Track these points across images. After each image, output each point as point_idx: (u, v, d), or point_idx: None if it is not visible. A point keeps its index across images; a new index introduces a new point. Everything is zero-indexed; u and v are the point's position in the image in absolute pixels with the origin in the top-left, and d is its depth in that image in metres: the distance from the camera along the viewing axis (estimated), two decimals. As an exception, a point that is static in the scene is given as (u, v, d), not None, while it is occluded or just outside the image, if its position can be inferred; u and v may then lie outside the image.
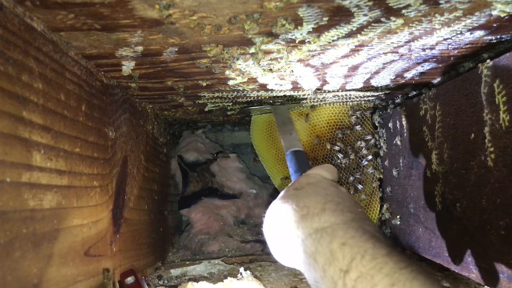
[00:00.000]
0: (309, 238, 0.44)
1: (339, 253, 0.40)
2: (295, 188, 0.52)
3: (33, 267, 0.41)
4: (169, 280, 0.84)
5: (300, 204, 0.48)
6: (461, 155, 0.62)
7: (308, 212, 0.46)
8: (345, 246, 0.41)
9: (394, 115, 0.87)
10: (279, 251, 0.50)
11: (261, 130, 1.04)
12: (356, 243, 0.41)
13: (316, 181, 0.53)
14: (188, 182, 1.15)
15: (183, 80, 0.68)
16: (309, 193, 0.49)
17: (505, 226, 0.52)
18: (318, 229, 0.44)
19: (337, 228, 0.43)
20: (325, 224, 0.44)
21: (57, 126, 0.47)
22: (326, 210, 0.46)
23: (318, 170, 0.56)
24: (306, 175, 0.55)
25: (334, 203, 0.47)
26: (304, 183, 0.52)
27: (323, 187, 0.51)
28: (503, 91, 0.52)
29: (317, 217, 0.45)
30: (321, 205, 0.46)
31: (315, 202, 0.47)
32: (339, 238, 0.42)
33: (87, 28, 0.45)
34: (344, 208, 0.46)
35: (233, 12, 0.43)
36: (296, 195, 0.50)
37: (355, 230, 0.42)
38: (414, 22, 0.48)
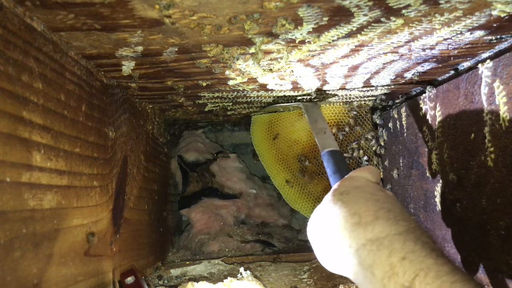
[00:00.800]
0: (363, 249, 0.42)
1: (400, 268, 0.39)
2: (341, 193, 0.49)
3: (33, 267, 0.41)
4: (169, 280, 0.84)
5: (351, 210, 0.45)
6: (461, 155, 0.62)
7: (360, 220, 0.44)
8: (405, 260, 0.39)
9: (394, 115, 0.87)
10: (326, 258, 0.49)
11: (261, 130, 1.04)
12: (417, 258, 0.39)
13: (362, 184, 0.50)
14: (188, 182, 1.15)
15: (183, 80, 0.68)
16: (358, 198, 0.47)
17: (505, 226, 0.52)
18: (373, 240, 0.42)
19: (393, 239, 0.41)
20: (381, 235, 0.42)
21: (57, 126, 0.47)
22: (379, 219, 0.44)
23: (362, 173, 0.53)
24: (351, 178, 0.53)
25: (386, 210, 0.45)
26: (350, 187, 0.50)
27: (371, 192, 0.48)
28: (503, 91, 0.52)
29: (370, 227, 0.43)
30: (372, 213, 0.44)
31: (366, 209, 0.45)
32: (397, 251, 0.40)
33: (87, 28, 0.45)
34: (397, 216, 0.44)
35: (233, 12, 0.43)
36: (343, 200, 0.48)
37: (414, 242, 0.41)
38: (414, 22, 0.48)
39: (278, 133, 1.01)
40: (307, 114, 0.81)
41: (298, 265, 0.91)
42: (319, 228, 0.49)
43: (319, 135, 0.75)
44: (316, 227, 0.50)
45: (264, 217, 1.19)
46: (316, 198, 1.02)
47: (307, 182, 1.02)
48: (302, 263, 0.92)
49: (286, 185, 1.02)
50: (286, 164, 1.03)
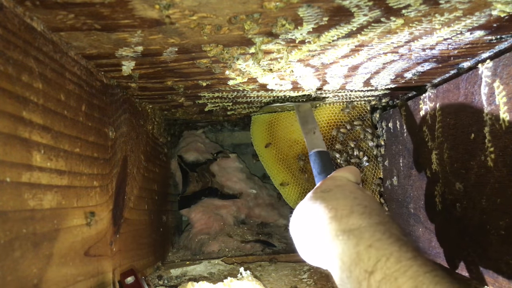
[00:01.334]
0: (336, 240, 0.45)
1: (365, 255, 0.42)
2: (323, 191, 0.52)
3: (33, 267, 0.41)
4: (169, 280, 0.84)
5: (329, 206, 0.49)
6: (461, 155, 0.62)
7: (336, 214, 0.47)
8: (371, 248, 0.42)
9: (394, 115, 0.87)
10: (305, 250, 0.52)
11: (261, 130, 1.04)
12: (382, 245, 0.42)
13: (343, 183, 0.53)
14: (188, 182, 1.15)
15: (183, 80, 0.68)
16: (338, 196, 0.50)
17: (505, 226, 0.52)
18: (345, 231, 0.45)
19: (364, 230, 0.44)
20: (353, 227, 0.45)
21: (57, 126, 0.47)
22: (354, 213, 0.46)
23: (343, 173, 0.56)
24: (333, 178, 0.56)
25: (362, 206, 0.48)
26: (331, 186, 0.53)
27: (351, 190, 0.51)
28: (503, 91, 0.52)
29: (345, 219, 0.46)
30: (349, 208, 0.47)
31: (343, 204, 0.48)
32: (365, 240, 0.43)
33: (87, 28, 0.45)
34: (372, 211, 0.47)
35: (233, 12, 0.43)
36: (324, 197, 0.51)
37: (382, 233, 0.43)
38: (414, 22, 0.48)
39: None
40: (298, 114, 0.82)
41: (298, 265, 0.91)
42: (299, 222, 0.52)
43: (308, 135, 0.76)
44: (297, 222, 0.53)
45: (264, 217, 1.19)
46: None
47: (307, 182, 1.02)
48: (302, 263, 0.92)
49: (282, 187, 1.03)
50: (286, 164, 1.03)
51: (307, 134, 0.76)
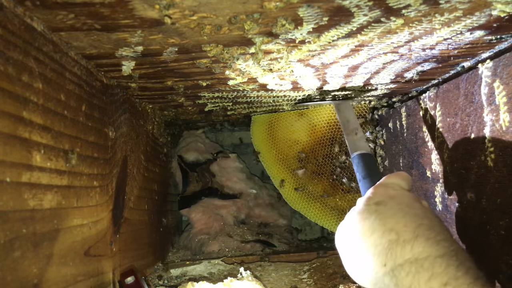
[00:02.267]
0: (400, 270, 0.40)
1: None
2: (376, 203, 0.47)
3: (33, 267, 0.41)
4: (169, 280, 0.84)
5: (387, 225, 0.43)
6: (461, 155, 0.62)
7: (398, 238, 0.42)
8: (448, 286, 0.37)
9: (394, 115, 0.87)
10: (356, 272, 0.47)
11: (261, 130, 1.04)
12: (460, 285, 0.37)
13: (397, 194, 0.48)
14: (188, 182, 1.15)
15: (183, 80, 0.68)
16: (395, 211, 0.44)
17: (505, 226, 0.52)
18: (411, 261, 0.40)
19: (435, 262, 0.39)
20: (420, 256, 0.40)
21: (57, 126, 0.47)
22: (418, 238, 0.41)
23: (395, 179, 0.51)
24: (384, 186, 0.50)
25: (426, 227, 0.42)
26: (385, 197, 0.47)
27: (408, 204, 0.46)
28: (503, 91, 0.52)
29: (409, 246, 0.41)
30: (412, 230, 0.42)
31: (404, 225, 0.43)
32: (439, 276, 0.38)
33: (87, 28, 0.45)
34: (437, 235, 0.42)
35: (233, 12, 0.43)
36: (379, 212, 0.45)
37: (456, 267, 0.39)
38: (414, 22, 0.48)
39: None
40: (338, 114, 0.77)
41: (298, 265, 0.91)
42: (350, 239, 0.47)
43: (350, 136, 0.70)
44: (347, 237, 0.47)
45: (264, 217, 1.19)
46: (316, 198, 1.02)
47: (307, 182, 1.02)
48: (302, 263, 0.92)
49: (282, 184, 1.02)
50: (286, 164, 1.03)
51: (349, 135, 0.70)
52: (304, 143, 1.02)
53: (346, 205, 1.01)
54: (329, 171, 1.01)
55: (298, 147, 1.02)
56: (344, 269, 0.49)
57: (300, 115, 1.00)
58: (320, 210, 1.02)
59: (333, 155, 1.00)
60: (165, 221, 1.01)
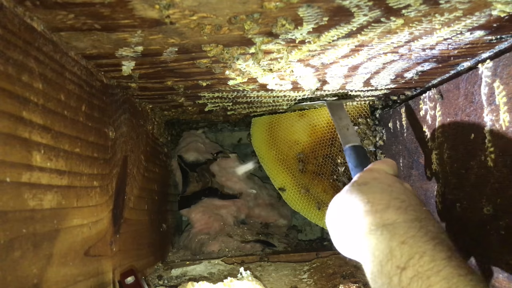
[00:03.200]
0: (369, 234, 0.45)
1: (398, 251, 0.41)
2: (359, 184, 0.51)
3: (33, 267, 0.41)
4: (169, 280, 0.84)
5: (365, 199, 0.48)
6: (461, 155, 0.62)
7: (372, 208, 0.46)
8: (404, 244, 0.41)
9: (394, 115, 0.87)
10: (340, 242, 0.51)
11: (261, 132, 1.04)
12: (416, 242, 0.41)
13: (380, 176, 0.52)
14: (188, 182, 1.15)
15: (183, 80, 0.68)
16: (374, 189, 0.49)
17: (505, 226, 0.52)
18: (379, 226, 0.44)
19: (399, 226, 0.43)
20: (387, 221, 0.44)
21: (57, 126, 0.47)
22: (390, 207, 0.46)
23: (380, 165, 0.55)
24: (370, 170, 0.55)
25: (399, 200, 0.47)
26: (368, 178, 0.52)
27: (388, 184, 0.50)
28: (503, 91, 0.52)
29: (380, 214, 0.45)
30: (385, 202, 0.46)
31: (380, 198, 0.47)
32: (399, 236, 0.42)
33: (87, 28, 0.45)
34: (409, 206, 0.46)
35: (233, 12, 0.43)
36: (360, 190, 0.50)
37: (417, 229, 0.42)
38: (414, 22, 0.48)
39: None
40: (331, 112, 0.83)
41: (298, 265, 0.91)
42: (335, 215, 0.51)
43: (342, 131, 0.76)
44: (332, 214, 0.52)
45: (264, 217, 1.19)
46: (316, 198, 1.02)
47: (307, 182, 1.02)
48: (302, 263, 0.92)
49: (282, 192, 1.03)
50: (286, 165, 1.03)
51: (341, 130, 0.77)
52: (304, 144, 1.02)
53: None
54: (329, 171, 1.01)
55: (298, 148, 1.02)
56: (344, 269, 0.50)
57: (301, 116, 1.00)
58: (319, 210, 1.02)
59: (334, 155, 1.00)
60: (165, 226, 1.02)
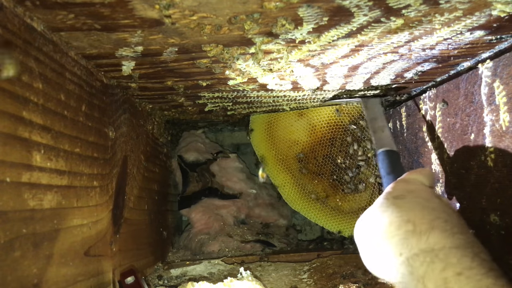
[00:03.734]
0: (415, 259, 0.41)
1: (454, 284, 0.38)
2: (395, 197, 0.47)
3: (33, 267, 0.41)
4: (169, 280, 0.84)
5: (404, 216, 0.44)
6: (461, 155, 0.62)
7: (415, 229, 0.42)
8: (461, 276, 0.38)
9: (394, 115, 0.87)
10: (372, 262, 0.47)
11: (260, 131, 1.04)
12: (475, 275, 0.37)
13: (417, 189, 0.49)
14: (188, 182, 1.15)
15: (183, 80, 0.68)
16: (413, 204, 0.45)
17: (505, 226, 0.52)
18: (427, 251, 0.41)
19: (450, 253, 0.40)
20: (436, 246, 0.41)
21: (57, 126, 0.47)
22: (435, 229, 0.42)
23: (416, 175, 0.52)
24: (404, 181, 0.51)
25: (442, 220, 0.43)
26: (404, 191, 0.48)
27: (426, 199, 0.46)
28: (503, 91, 0.52)
29: (425, 236, 0.42)
30: (428, 222, 0.43)
31: (421, 217, 0.43)
32: (453, 266, 0.39)
33: (87, 28, 0.45)
34: (454, 227, 0.42)
35: (233, 12, 0.43)
36: (397, 205, 0.46)
37: (471, 258, 0.39)
38: (414, 22, 0.48)
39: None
40: (365, 111, 0.77)
41: (298, 265, 0.91)
42: (368, 231, 0.47)
43: (377, 134, 0.70)
44: (365, 230, 0.48)
45: (264, 217, 1.19)
46: (316, 198, 1.02)
47: (307, 182, 1.02)
48: (302, 263, 0.92)
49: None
50: (285, 164, 1.03)
51: (376, 133, 0.70)
52: (304, 143, 1.02)
53: (346, 206, 1.01)
54: (329, 171, 1.01)
55: (298, 147, 1.02)
56: (344, 269, 0.50)
57: (300, 115, 1.00)
58: (320, 210, 1.02)
59: (334, 156, 1.00)
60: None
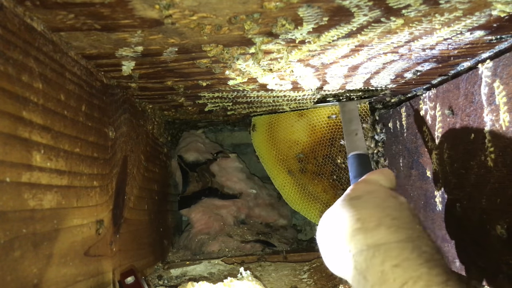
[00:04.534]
0: (360, 255, 0.42)
1: (391, 275, 0.39)
2: (352, 198, 0.49)
3: (33, 267, 0.41)
4: (169, 280, 0.84)
5: (356, 216, 0.45)
6: (461, 155, 0.62)
7: (363, 225, 0.44)
8: (398, 268, 0.39)
9: (394, 115, 0.87)
10: (329, 261, 0.49)
11: (261, 131, 1.04)
12: (410, 266, 0.39)
13: (374, 189, 0.50)
14: (188, 182, 1.15)
15: (183, 80, 0.68)
16: (367, 204, 0.46)
17: (505, 226, 0.52)
18: (370, 246, 0.42)
19: (391, 247, 0.41)
20: (379, 242, 0.42)
21: (57, 126, 0.47)
22: (381, 226, 0.43)
23: (376, 176, 0.53)
24: (364, 182, 0.52)
25: (390, 217, 0.44)
26: (361, 191, 0.49)
27: (382, 198, 0.47)
28: (503, 91, 0.52)
29: (371, 233, 0.43)
30: (376, 219, 0.44)
31: (371, 215, 0.45)
32: (392, 258, 0.40)
33: (87, 28, 0.45)
34: (401, 224, 0.43)
35: (233, 12, 0.43)
36: (352, 205, 0.47)
37: (410, 251, 0.40)
38: (414, 22, 0.48)
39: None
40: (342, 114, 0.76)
41: (298, 265, 0.91)
42: (325, 230, 0.49)
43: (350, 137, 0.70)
44: (323, 229, 0.50)
45: (264, 217, 1.19)
46: (316, 198, 1.02)
47: (307, 182, 1.02)
48: (302, 263, 0.92)
49: (282, 189, 1.03)
50: (286, 165, 1.03)
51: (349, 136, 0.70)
52: (304, 144, 1.02)
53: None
54: (329, 171, 1.01)
55: (298, 148, 1.02)
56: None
57: (300, 116, 1.00)
58: (320, 210, 1.02)
59: (334, 156, 1.00)
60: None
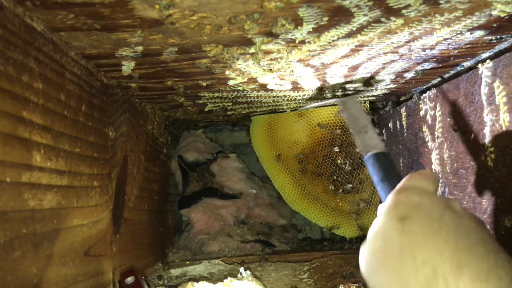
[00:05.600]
0: None
1: None
2: (400, 219, 0.39)
3: (33, 267, 0.41)
4: (169, 280, 0.84)
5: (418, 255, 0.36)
6: (461, 155, 0.62)
7: (436, 273, 0.35)
8: None
9: (394, 115, 0.87)
10: None
11: (261, 131, 1.04)
12: None
13: (422, 202, 0.40)
14: (188, 182, 1.15)
15: (183, 80, 0.68)
16: (423, 232, 0.37)
17: (505, 226, 0.52)
18: None
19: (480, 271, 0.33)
20: None
21: (57, 126, 0.47)
22: (462, 273, 0.34)
23: (418, 181, 0.42)
24: (406, 191, 0.42)
25: (466, 253, 0.35)
26: (409, 207, 0.40)
27: (437, 217, 0.38)
28: (503, 91, 0.52)
29: (452, 285, 0.34)
30: (450, 261, 0.35)
31: (440, 253, 0.35)
32: None
33: (87, 28, 0.45)
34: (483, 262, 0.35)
35: (233, 12, 0.43)
36: (405, 232, 0.38)
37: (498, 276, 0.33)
38: (414, 22, 0.48)
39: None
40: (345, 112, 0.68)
41: (298, 265, 0.91)
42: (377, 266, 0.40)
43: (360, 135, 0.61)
44: (373, 264, 0.41)
45: (264, 217, 1.19)
46: (316, 198, 1.02)
47: (307, 183, 1.02)
48: (302, 263, 0.92)
49: (283, 191, 1.03)
50: (286, 165, 1.03)
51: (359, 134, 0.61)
52: (304, 144, 1.02)
53: (346, 206, 1.01)
54: (329, 171, 1.01)
55: (298, 148, 1.02)
56: (344, 269, 0.49)
57: (300, 116, 1.00)
58: (320, 210, 1.02)
59: (335, 156, 1.00)
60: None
